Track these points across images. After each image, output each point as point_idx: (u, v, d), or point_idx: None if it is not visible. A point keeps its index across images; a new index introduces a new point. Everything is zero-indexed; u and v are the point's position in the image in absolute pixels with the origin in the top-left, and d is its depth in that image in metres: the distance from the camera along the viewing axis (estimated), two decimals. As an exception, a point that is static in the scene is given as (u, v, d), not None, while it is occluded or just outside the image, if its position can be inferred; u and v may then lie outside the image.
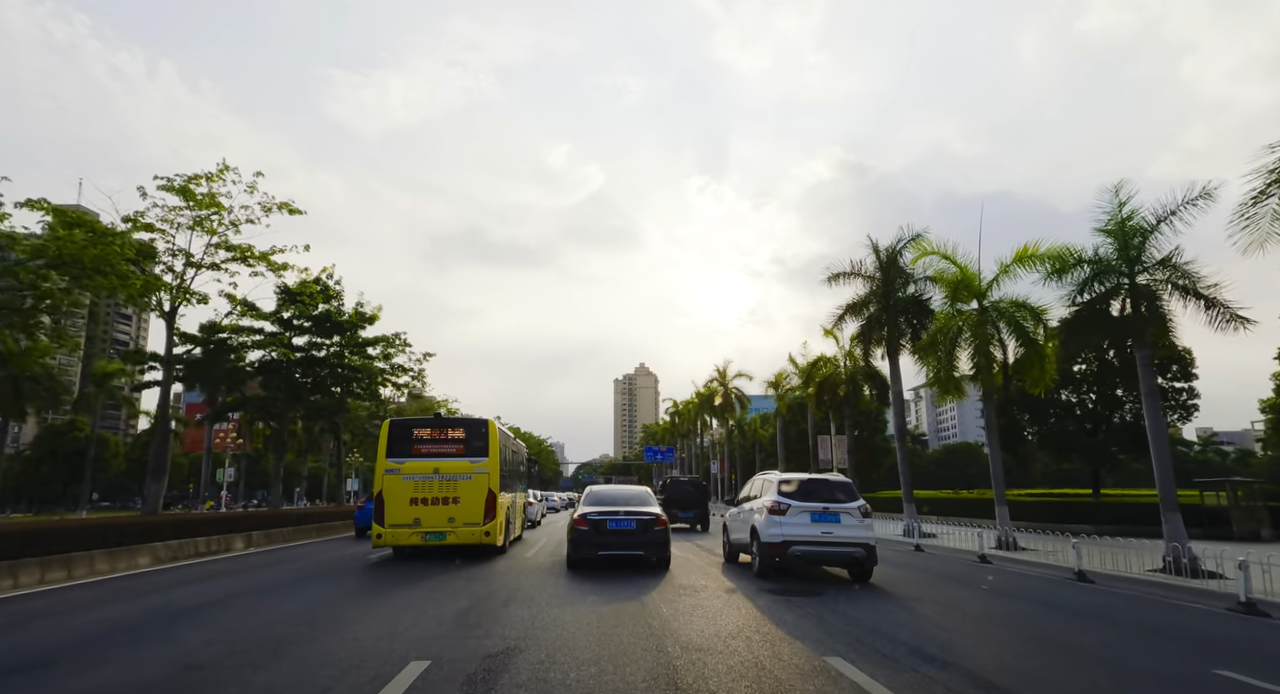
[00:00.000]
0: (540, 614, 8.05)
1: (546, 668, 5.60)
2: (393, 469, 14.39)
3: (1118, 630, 8.17)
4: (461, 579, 11.34)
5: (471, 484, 14.47)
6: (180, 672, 5.56)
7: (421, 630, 7.12)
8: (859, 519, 11.36)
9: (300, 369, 27.69)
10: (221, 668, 5.61)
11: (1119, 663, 6.49)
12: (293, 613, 8.27)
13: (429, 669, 5.52)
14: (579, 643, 6.56)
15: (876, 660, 6.03)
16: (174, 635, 6.97)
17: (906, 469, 25.92)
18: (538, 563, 13.96)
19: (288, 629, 7.18)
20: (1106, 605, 9.95)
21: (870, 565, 11.36)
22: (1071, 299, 15.50)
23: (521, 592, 9.83)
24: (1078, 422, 30.39)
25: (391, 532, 14.12)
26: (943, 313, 21.93)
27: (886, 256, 26.20)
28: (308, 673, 5.45)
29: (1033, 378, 19.78)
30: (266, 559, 15.12)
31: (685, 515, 26.23)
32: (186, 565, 13.61)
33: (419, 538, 14.12)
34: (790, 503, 11.43)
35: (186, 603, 8.99)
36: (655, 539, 12.36)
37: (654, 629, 7.24)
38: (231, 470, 61.50)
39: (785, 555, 11.15)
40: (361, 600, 9.32)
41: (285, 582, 11.42)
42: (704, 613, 8.29)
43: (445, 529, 14.20)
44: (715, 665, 5.80)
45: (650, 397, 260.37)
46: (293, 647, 6.38)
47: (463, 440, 14.95)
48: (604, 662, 5.86)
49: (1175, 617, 9.23)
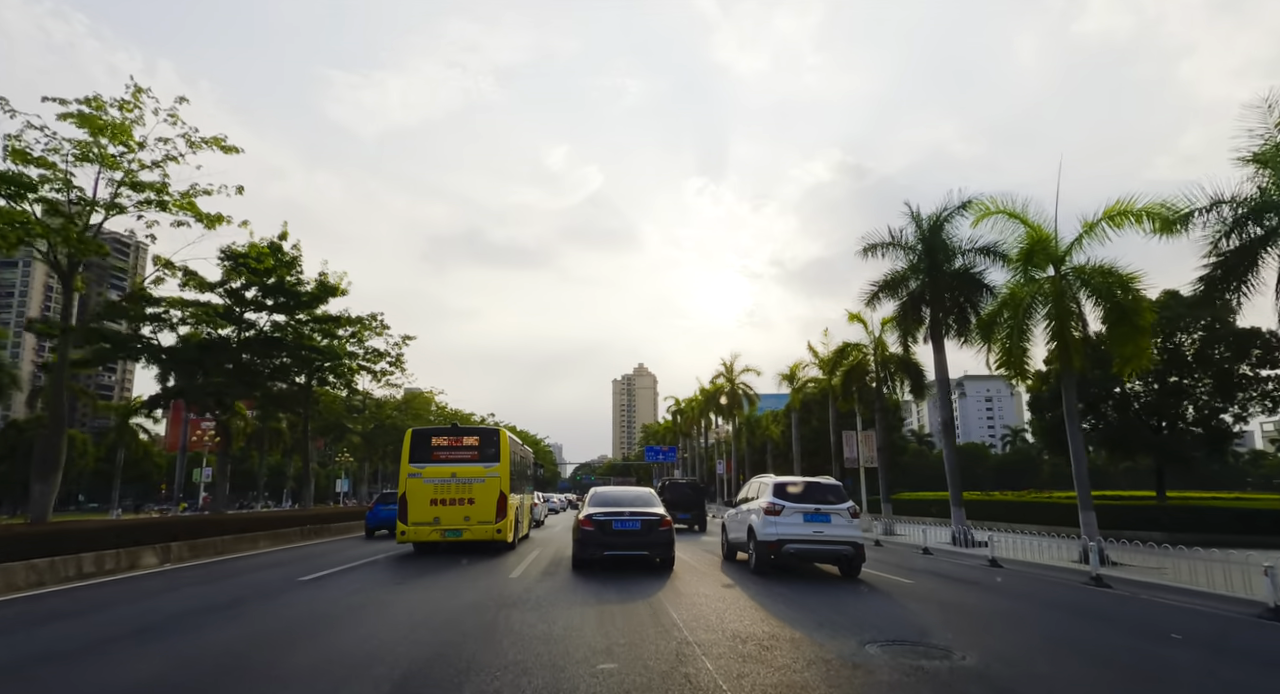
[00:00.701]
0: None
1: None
2: (415, 473, 15.87)
3: None
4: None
5: (485, 487, 15.94)
6: None
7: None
8: (848, 519, 12.25)
9: (253, 350, 23.74)
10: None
11: None
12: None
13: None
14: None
15: None
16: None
17: (955, 466, 22.44)
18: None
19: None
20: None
21: (858, 562, 12.23)
22: (1214, 245, 12.02)
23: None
24: (1137, 416, 26.96)
25: (414, 529, 15.67)
26: (1013, 283, 18.48)
27: (929, 226, 22.83)
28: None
29: (1125, 356, 16.43)
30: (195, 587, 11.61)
31: (683, 516, 26.38)
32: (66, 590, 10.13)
33: (438, 534, 15.65)
34: (784, 504, 12.26)
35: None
36: (660, 539, 12.53)
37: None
38: (210, 470, 54.87)
39: (780, 553, 12.01)
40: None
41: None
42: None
43: (462, 527, 15.70)
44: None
45: (649, 397, 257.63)
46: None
47: (477, 448, 16.45)
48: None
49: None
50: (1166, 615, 9.25)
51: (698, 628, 7.36)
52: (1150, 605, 10.14)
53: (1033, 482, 68.72)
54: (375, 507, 24.08)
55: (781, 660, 5.99)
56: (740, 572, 12.75)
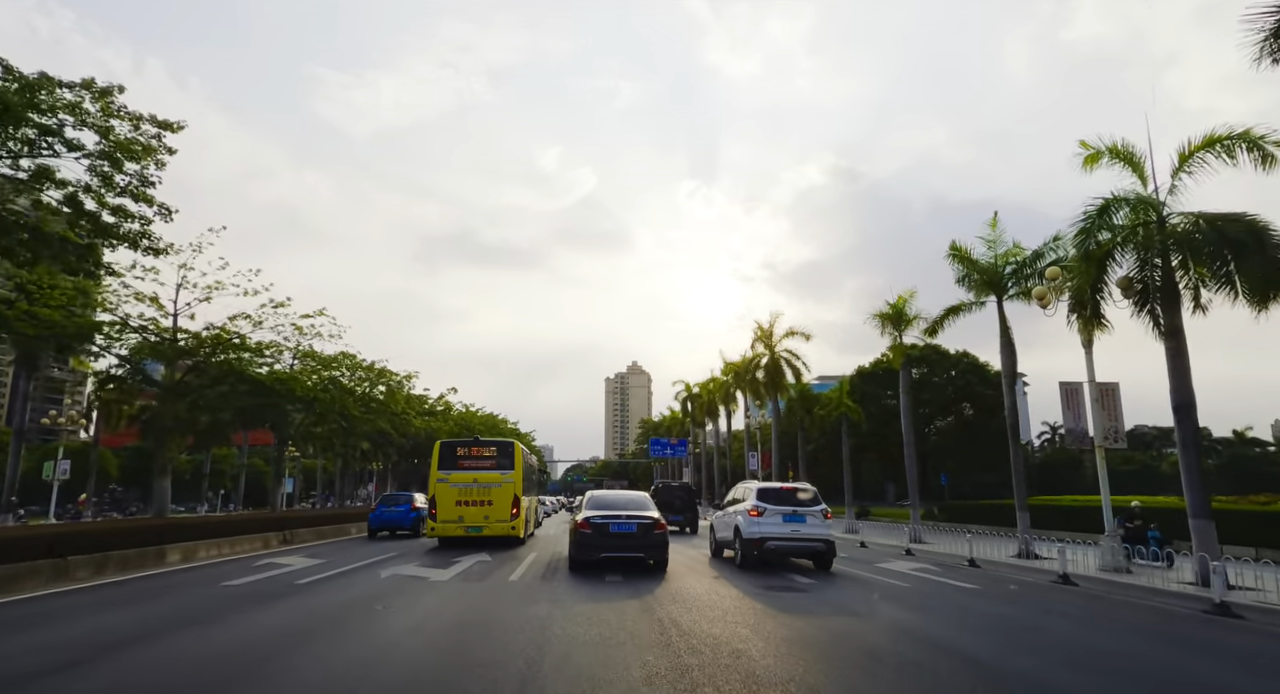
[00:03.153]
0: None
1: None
2: (443, 478, 18.75)
3: None
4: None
5: (502, 490, 18.81)
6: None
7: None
8: (821, 520, 14.24)
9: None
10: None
11: None
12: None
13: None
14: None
15: None
16: None
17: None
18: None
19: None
20: None
21: (829, 557, 14.06)
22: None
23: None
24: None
25: (442, 526, 18.44)
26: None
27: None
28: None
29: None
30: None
31: (675, 519, 27.10)
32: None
33: (462, 530, 18.41)
34: (766, 506, 14.14)
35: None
36: (655, 542, 13.05)
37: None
38: (67, 463, 36.78)
39: (763, 549, 13.80)
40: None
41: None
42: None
43: (482, 524, 18.47)
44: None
45: (643, 395, 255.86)
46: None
47: (495, 457, 19.31)
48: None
49: None
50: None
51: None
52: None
53: (1077, 483, 53.26)
54: (378, 508, 24.71)
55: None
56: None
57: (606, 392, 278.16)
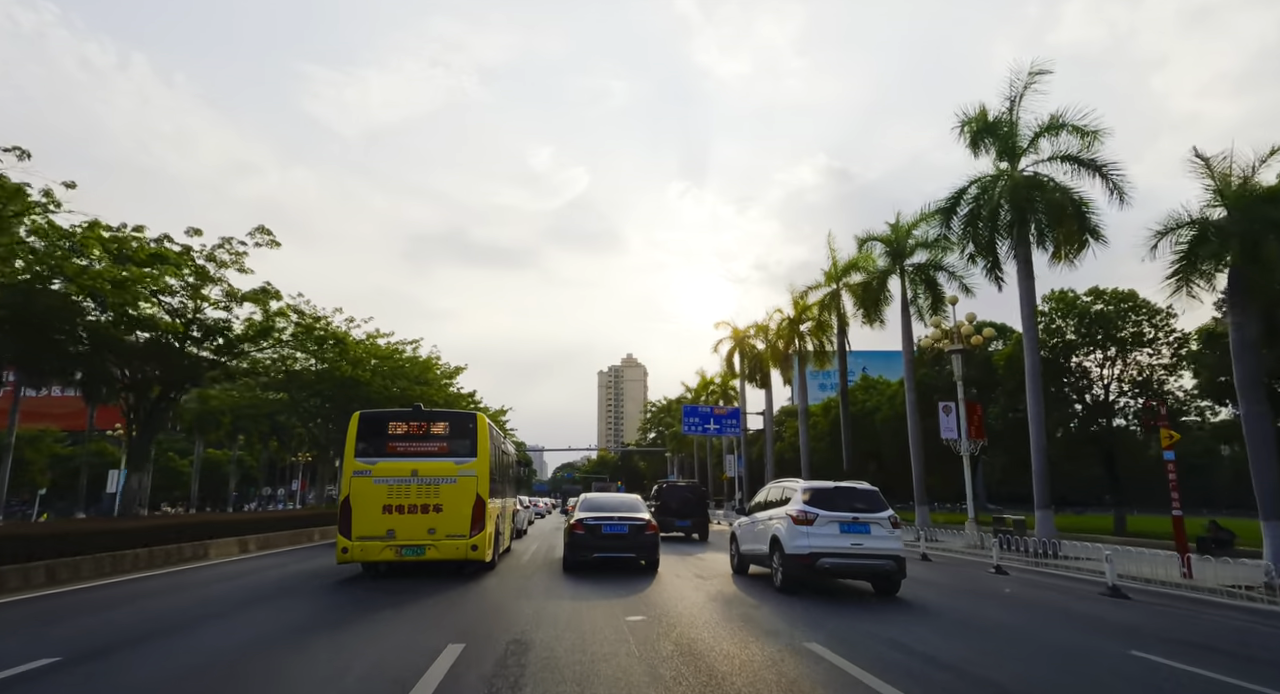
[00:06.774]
0: None
1: None
2: (362, 471, 12.17)
3: None
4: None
5: (456, 489, 12.33)
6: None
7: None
8: (889, 530, 10.94)
9: None
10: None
11: None
12: None
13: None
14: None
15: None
16: None
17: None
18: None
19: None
20: None
21: (899, 578, 10.87)
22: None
23: None
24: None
25: (360, 545, 11.85)
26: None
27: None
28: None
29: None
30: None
31: (681, 524, 24.42)
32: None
33: (392, 552, 11.91)
34: (819, 512, 10.94)
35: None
36: (646, 543, 13.31)
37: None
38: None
39: (814, 568, 10.64)
40: None
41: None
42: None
43: (425, 542, 12.05)
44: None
45: (639, 390, 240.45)
46: None
47: (446, 437, 12.80)
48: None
49: None
50: None
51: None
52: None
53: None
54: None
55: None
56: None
57: (599, 386, 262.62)
